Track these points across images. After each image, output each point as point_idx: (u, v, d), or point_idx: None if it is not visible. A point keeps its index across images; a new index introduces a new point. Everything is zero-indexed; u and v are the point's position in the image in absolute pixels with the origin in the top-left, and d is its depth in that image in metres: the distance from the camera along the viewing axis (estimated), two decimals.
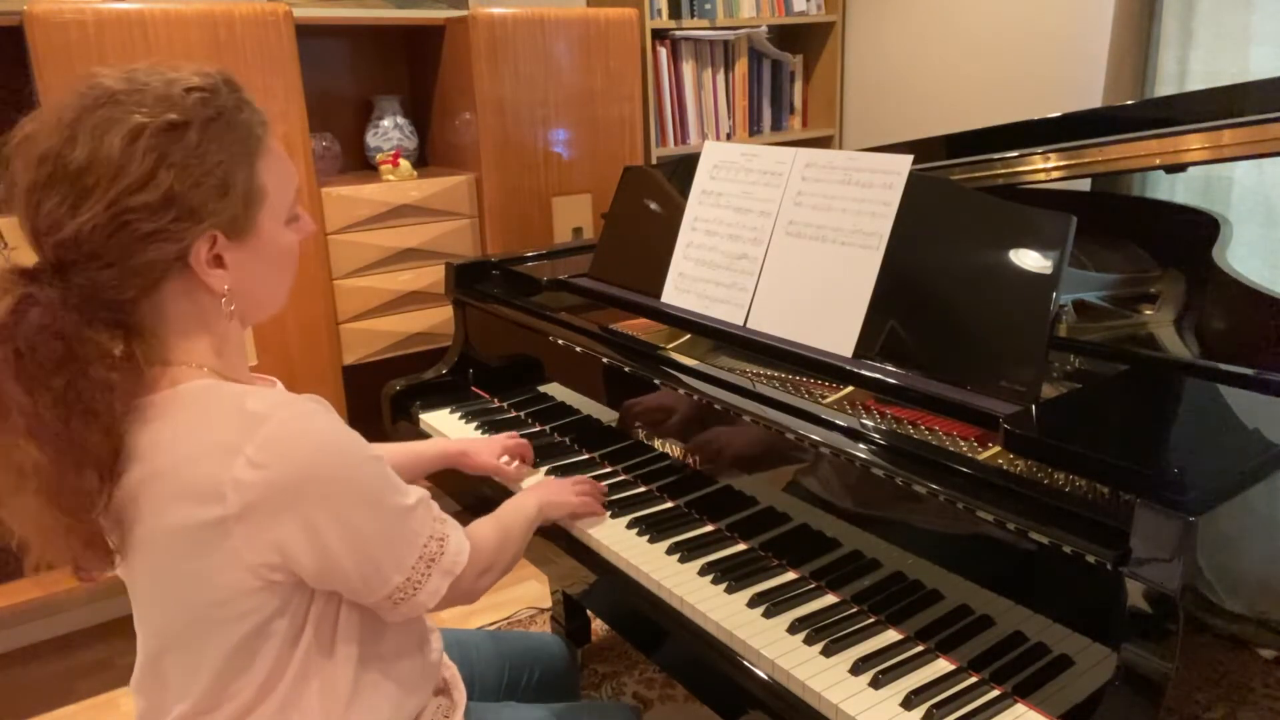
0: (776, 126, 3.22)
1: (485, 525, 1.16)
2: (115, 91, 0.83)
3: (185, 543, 0.86)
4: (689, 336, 1.53)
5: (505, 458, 1.55)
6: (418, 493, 0.99)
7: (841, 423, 1.18)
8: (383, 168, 2.48)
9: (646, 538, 1.35)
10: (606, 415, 1.59)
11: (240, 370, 0.97)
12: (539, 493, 1.34)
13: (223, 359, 0.93)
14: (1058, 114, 1.65)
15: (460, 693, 1.16)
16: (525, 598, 2.47)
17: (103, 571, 0.91)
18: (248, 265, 0.91)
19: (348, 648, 0.98)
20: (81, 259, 0.83)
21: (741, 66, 3.04)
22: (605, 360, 1.55)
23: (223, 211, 0.86)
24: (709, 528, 1.37)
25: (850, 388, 1.29)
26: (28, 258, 0.87)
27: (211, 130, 0.85)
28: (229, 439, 0.84)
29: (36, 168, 0.82)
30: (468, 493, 1.61)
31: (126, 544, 0.89)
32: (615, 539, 1.36)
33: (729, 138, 3.05)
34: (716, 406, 1.33)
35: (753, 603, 1.18)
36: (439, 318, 2.42)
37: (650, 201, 1.78)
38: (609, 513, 1.41)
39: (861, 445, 1.15)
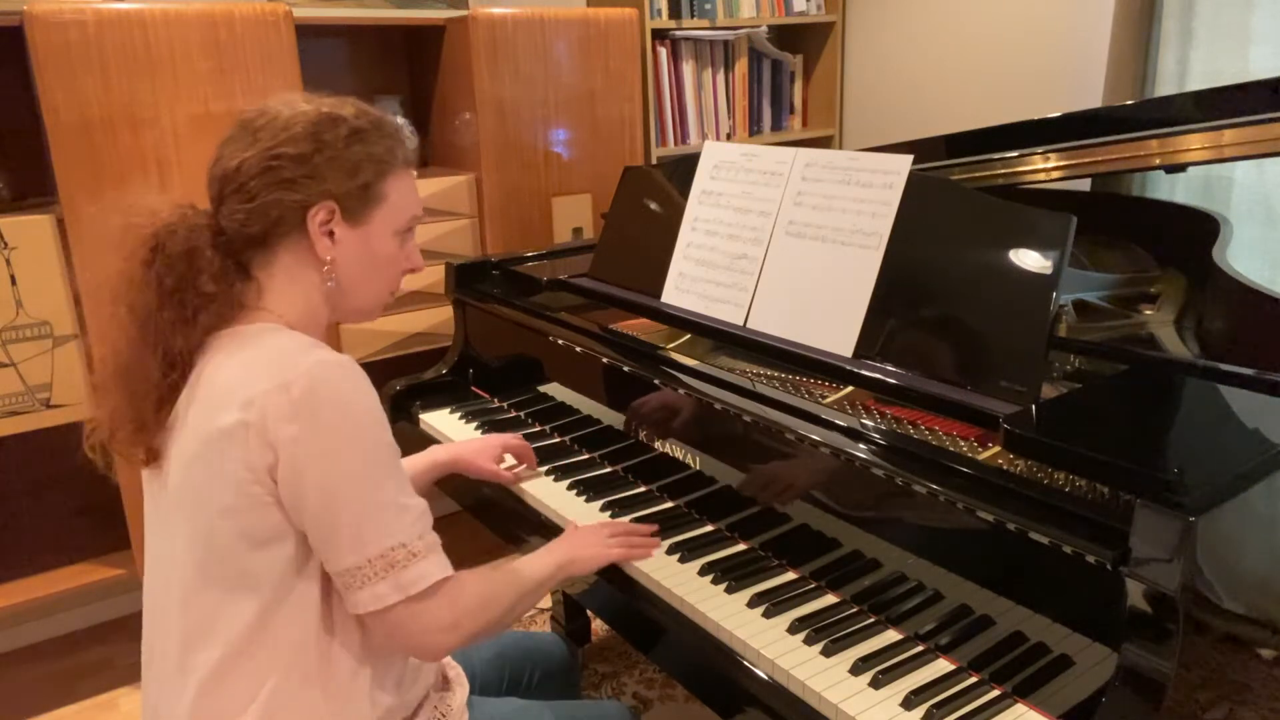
0: (776, 126, 3.22)
1: (473, 581, 1.05)
2: (310, 96, 1.07)
3: (214, 445, 0.95)
4: (689, 336, 1.53)
5: (510, 459, 1.55)
6: (419, 503, 1.01)
7: (841, 423, 1.18)
8: None
9: None
10: (607, 415, 1.59)
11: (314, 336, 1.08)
12: (562, 549, 1.23)
13: (300, 322, 1.06)
14: (1058, 114, 1.65)
15: (462, 686, 1.17)
16: None
17: (151, 459, 1.03)
18: (351, 249, 1.07)
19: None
20: (231, 193, 1.03)
21: (741, 66, 3.03)
22: (605, 360, 1.55)
23: (342, 188, 1.04)
24: (709, 528, 1.37)
25: (850, 388, 1.29)
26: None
27: (359, 134, 1.06)
28: (279, 363, 0.96)
29: (234, 127, 1.05)
30: (467, 493, 1.61)
31: (173, 451, 1.00)
32: None
33: (729, 138, 3.05)
34: (717, 406, 1.33)
35: (753, 603, 1.18)
36: (439, 318, 2.42)
37: (650, 201, 1.78)
38: (663, 549, 1.30)
39: (861, 445, 1.15)
